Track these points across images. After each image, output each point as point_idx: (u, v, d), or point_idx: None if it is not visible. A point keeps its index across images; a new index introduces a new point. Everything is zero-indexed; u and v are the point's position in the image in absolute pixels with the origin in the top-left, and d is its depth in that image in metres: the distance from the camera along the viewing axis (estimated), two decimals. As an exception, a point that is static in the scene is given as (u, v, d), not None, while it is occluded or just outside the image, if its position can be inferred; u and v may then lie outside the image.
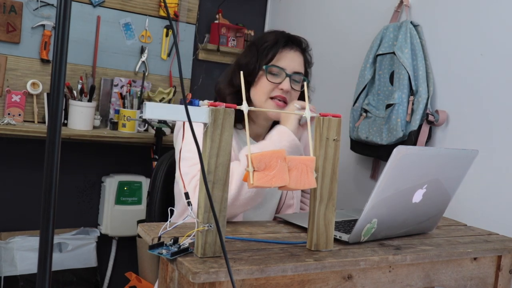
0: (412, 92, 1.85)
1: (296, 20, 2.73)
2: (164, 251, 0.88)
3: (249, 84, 1.45)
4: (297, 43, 1.47)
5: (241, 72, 1.03)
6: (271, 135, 1.34)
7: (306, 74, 1.51)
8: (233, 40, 2.85)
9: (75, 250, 2.41)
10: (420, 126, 1.83)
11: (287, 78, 1.41)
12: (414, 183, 1.14)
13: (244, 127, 1.47)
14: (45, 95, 2.34)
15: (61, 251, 2.38)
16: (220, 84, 1.51)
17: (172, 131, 2.50)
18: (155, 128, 2.41)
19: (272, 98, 1.42)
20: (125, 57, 2.57)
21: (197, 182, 1.21)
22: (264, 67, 1.41)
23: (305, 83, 1.16)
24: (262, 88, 1.42)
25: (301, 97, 1.48)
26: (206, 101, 1.05)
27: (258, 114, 1.46)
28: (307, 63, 1.51)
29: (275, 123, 1.45)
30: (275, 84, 1.41)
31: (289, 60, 1.43)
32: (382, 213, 1.11)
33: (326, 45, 2.48)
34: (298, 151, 1.32)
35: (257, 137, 1.50)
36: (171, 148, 1.59)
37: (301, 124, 1.38)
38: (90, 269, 2.47)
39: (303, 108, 1.18)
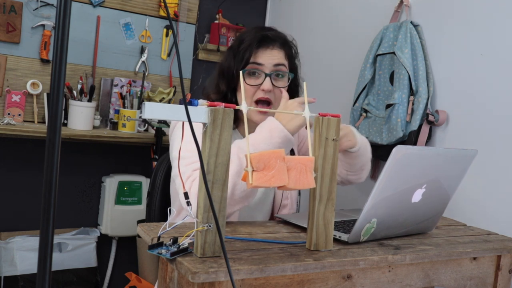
0: (412, 92, 1.85)
1: (296, 20, 2.73)
2: (163, 251, 0.88)
3: (234, 90, 1.42)
4: (272, 40, 1.41)
5: (241, 72, 1.03)
6: (261, 128, 1.26)
7: (292, 68, 1.45)
8: (233, 40, 2.85)
9: (75, 250, 2.41)
10: (420, 126, 1.83)
11: (267, 78, 1.37)
12: (413, 183, 1.14)
13: (237, 127, 1.46)
14: (45, 95, 2.35)
15: (61, 251, 2.38)
16: (207, 89, 1.49)
17: (172, 131, 2.50)
18: (155, 128, 2.41)
19: (256, 102, 1.38)
20: (125, 57, 2.57)
21: (191, 183, 1.21)
22: (241, 71, 1.39)
23: (304, 84, 1.12)
24: (245, 93, 1.34)
25: (294, 93, 1.45)
26: (204, 101, 1.05)
27: (248, 116, 1.39)
28: (290, 57, 1.44)
29: None
30: (256, 86, 1.37)
31: (266, 59, 1.38)
32: (382, 213, 1.11)
33: (326, 45, 2.48)
34: (291, 145, 1.25)
35: None
36: (171, 148, 1.60)
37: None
38: (90, 269, 2.47)
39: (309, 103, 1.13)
